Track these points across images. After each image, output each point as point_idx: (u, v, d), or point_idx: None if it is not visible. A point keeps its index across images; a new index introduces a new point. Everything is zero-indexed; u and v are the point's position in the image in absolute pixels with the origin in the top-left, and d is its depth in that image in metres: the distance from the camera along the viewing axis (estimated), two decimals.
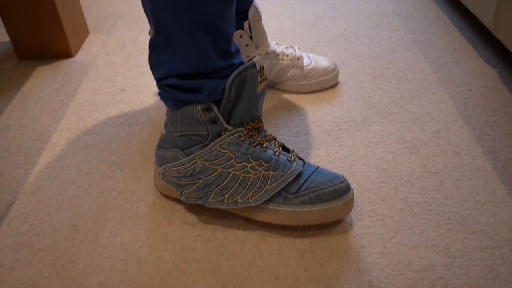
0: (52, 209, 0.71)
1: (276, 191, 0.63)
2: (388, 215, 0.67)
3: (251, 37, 0.87)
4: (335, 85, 0.97)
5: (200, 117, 0.62)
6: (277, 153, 0.64)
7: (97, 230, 0.67)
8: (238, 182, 0.63)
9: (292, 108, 0.90)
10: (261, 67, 0.62)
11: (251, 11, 0.83)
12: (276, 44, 0.92)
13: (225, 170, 0.63)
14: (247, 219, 0.67)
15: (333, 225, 0.66)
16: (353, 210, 0.68)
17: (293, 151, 0.67)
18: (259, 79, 0.62)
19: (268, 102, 0.93)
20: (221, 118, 0.62)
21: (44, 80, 1.04)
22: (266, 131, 0.67)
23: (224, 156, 0.63)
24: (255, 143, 0.63)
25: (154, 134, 0.85)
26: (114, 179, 0.76)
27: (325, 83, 0.94)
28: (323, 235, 0.64)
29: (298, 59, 0.92)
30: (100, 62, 1.11)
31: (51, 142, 0.85)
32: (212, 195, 0.64)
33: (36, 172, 0.78)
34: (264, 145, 0.64)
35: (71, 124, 0.89)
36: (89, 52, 1.16)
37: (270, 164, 0.63)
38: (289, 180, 0.63)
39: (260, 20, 0.86)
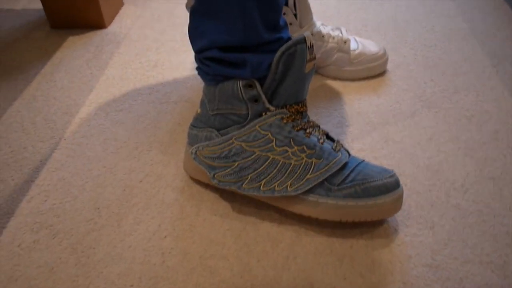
0: (75, 188, 0.67)
1: (319, 181, 0.57)
2: (438, 223, 0.60)
3: (295, 15, 0.80)
4: (383, 73, 0.89)
5: (241, 94, 0.57)
6: (321, 141, 0.59)
7: (121, 216, 0.63)
8: (277, 168, 0.57)
9: (335, 96, 0.83)
10: (311, 44, 0.56)
11: None
12: (322, 24, 0.85)
13: (263, 153, 0.58)
14: (282, 212, 0.62)
15: (376, 230, 0.59)
16: (399, 214, 0.62)
17: (338, 141, 0.61)
18: (308, 57, 0.56)
19: (309, 88, 0.86)
20: (263, 97, 0.57)
21: (75, 51, 1.00)
22: (309, 117, 0.62)
23: (264, 138, 0.58)
24: (298, 127, 0.58)
25: (186, 115, 0.80)
26: (142, 160, 0.71)
27: (373, 71, 0.87)
28: (364, 240, 0.58)
29: (344, 42, 0.84)
30: (133, 35, 1.06)
31: (79, 116, 0.81)
32: (247, 180, 0.58)
33: (61, 148, 0.74)
34: (307, 131, 0.59)
35: (100, 99, 0.85)
36: (122, 23, 1.11)
37: (313, 151, 0.57)
38: (334, 170, 0.57)
39: None
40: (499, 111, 0.78)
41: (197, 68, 0.61)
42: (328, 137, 0.62)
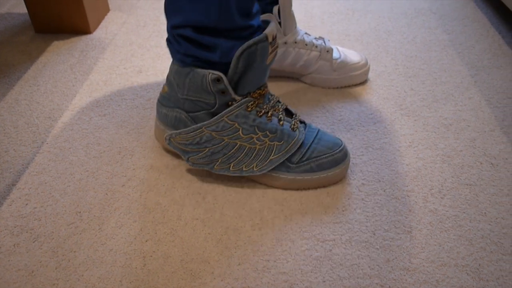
0: (56, 192, 0.67)
1: (280, 161, 0.65)
2: (415, 227, 0.62)
3: (279, 23, 0.81)
4: (364, 82, 0.91)
5: (209, 87, 0.61)
6: (281, 122, 0.65)
7: (102, 219, 0.63)
8: (244, 152, 0.64)
9: (317, 103, 0.85)
10: (274, 37, 0.60)
11: None
12: (306, 33, 0.87)
13: (232, 140, 0.63)
14: (263, 217, 0.62)
15: (355, 234, 0.60)
16: (378, 219, 0.63)
17: (296, 114, 0.68)
18: (270, 49, 0.60)
19: (291, 95, 0.87)
20: (230, 90, 0.61)
21: (60, 56, 1.00)
22: (271, 94, 0.67)
23: (231, 128, 0.63)
24: (261, 113, 0.64)
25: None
26: (124, 165, 0.71)
27: (354, 79, 0.88)
28: (343, 243, 0.59)
29: (327, 51, 0.86)
30: (118, 40, 1.06)
31: (61, 121, 0.81)
32: (218, 162, 0.65)
33: (43, 152, 0.74)
34: (269, 114, 0.64)
35: (83, 104, 0.85)
36: (108, 29, 1.11)
37: (275, 134, 0.64)
38: (293, 151, 0.65)
39: (291, 6, 0.80)
40: (476, 120, 0.81)
41: (168, 41, 0.64)
42: (288, 111, 0.68)
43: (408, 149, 0.74)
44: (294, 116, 0.68)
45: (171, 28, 0.61)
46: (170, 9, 0.60)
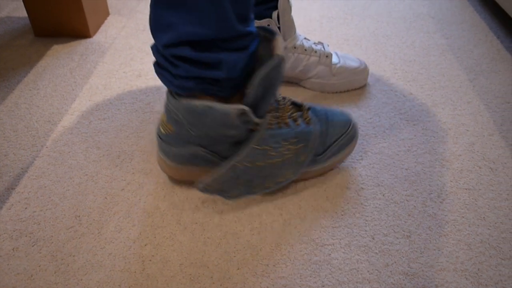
0: (56, 196, 0.67)
1: (309, 160, 0.65)
2: (415, 232, 0.62)
3: (279, 28, 0.82)
4: (363, 86, 0.91)
5: (235, 122, 0.56)
6: (297, 122, 0.64)
7: (101, 223, 0.63)
8: (277, 167, 0.63)
9: None
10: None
11: (281, 1, 0.78)
12: (305, 38, 0.87)
13: (264, 162, 0.61)
14: (262, 221, 0.62)
15: (354, 239, 0.60)
16: (377, 224, 0.63)
17: (303, 105, 0.67)
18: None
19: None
20: (253, 117, 0.57)
21: (59, 60, 1.00)
22: (278, 99, 0.66)
23: (262, 152, 0.61)
24: (280, 123, 0.62)
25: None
26: (123, 169, 0.71)
27: (353, 84, 0.88)
28: (342, 248, 0.59)
29: (326, 56, 0.86)
30: (118, 44, 1.07)
31: (61, 124, 0.81)
32: (256, 187, 0.63)
33: (42, 156, 0.74)
34: (286, 122, 0.63)
35: (83, 108, 0.85)
36: (107, 33, 1.12)
37: (297, 139, 0.63)
38: (315, 145, 0.65)
39: (290, 11, 0.81)
40: (475, 124, 0.81)
41: (157, 66, 0.57)
42: (295, 105, 0.68)
43: (407, 154, 0.74)
44: (302, 107, 0.67)
45: (162, 48, 0.53)
46: (157, 26, 0.52)
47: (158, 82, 0.93)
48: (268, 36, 0.59)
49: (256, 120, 0.58)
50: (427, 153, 0.75)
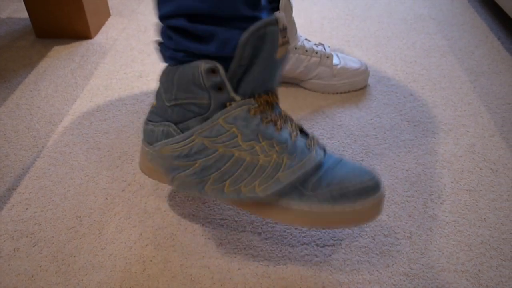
0: (57, 197, 0.67)
1: (291, 180, 0.51)
2: (415, 233, 0.62)
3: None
4: (364, 87, 0.91)
5: (202, 80, 0.50)
6: (293, 136, 0.52)
7: (102, 224, 0.63)
8: (243, 166, 0.51)
9: (317, 109, 0.85)
10: (284, 27, 0.50)
11: (282, 2, 0.78)
12: (306, 39, 0.87)
13: (228, 150, 0.51)
14: (263, 221, 0.62)
15: (355, 240, 0.61)
16: (377, 225, 0.63)
17: (313, 137, 0.55)
18: (280, 40, 0.50)
19: (291, 100, 0.87)
20: (228, 84, 0.50)
21: (60, 61, 1.01)
22: (281, 110, 0.55)
23: (228, 133, 0.51)
24: (267, 120, 0.52)
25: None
26: (124, 169, 0.71)
27: (354, 85, 0.88)
28: (343, 249, 0.59)
29: (327, 57, 0.86)
30: (119, 46, 1.07)
31: (62, 125, 0.81)
32: (209, 181, 0.52)
33: (43, 156, 0.74)
34: (278, 124, 0.52)
35: (84, 108, 0.85)
36: (108, 34, 1.12)
37: (284, 145, 0.51)
38: (308, 168, 0.51)
39: (291, 12, 0.81)
40: (476, 125, 0.81)
41: (157, 43, 0.55)
42: (302, 131, 0.57)
43: (408, 155, 0.74)
44: (310, 137, 0.55)
45: (161, 19, 0.52)
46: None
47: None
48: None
49: (234, 95, 0.51)
50: (428, 154, 0.75)
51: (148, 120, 0.58)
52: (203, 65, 0.49)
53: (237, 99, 0.51)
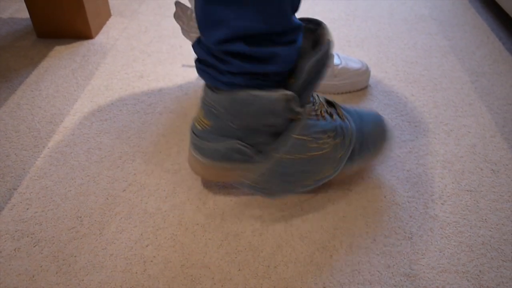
0: (57, 197, 0.67)
1: (348, 155, 0.64)
2: (416, 233, 0.62)
3: None
4: (365, 88, 0.91)
5: (278, 108, 0.54)
6: (333, 117, 0.62)
7: (103, 224, 0.63)
8: (315, 162, 0.61)
9: None
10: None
11: None
12: None
13: (302, 155, 0.59)
14: (263, 222, 0.62)
15: (356, 240, 0.60)
16: (378, 225, 0.63)
17: (335, 104, 0.66)
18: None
19: None
20: (296, 105, 0.56)
21: (61, 61, 1.01)
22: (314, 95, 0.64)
23: (301, 143, 0.58)
24: (319, 115, 0.60)
25: (170, 126, 0.81)
26: (125, 170, 0.71)
27: (355, 85, 0.88)
28: (344, 249, 0.59)
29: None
30: (120, 46, 1.07)
31: (63, 125, 0.81)
32: (292, 183, 0.61)
33: (44, 156, 0.74)
34: (322, 112, 0.61)
35: (84, 108, 0.85)
36: (109, 34, 1.12)
37: (335, 132, 0.61)
38: (354, 141, 0.64)
39: None
40: (477, 126, 0.81)
41: (203, 66, 0.55)
42: (328, 102, 0.66)
43: (409, 155, 0.74)
44: (336, 107, 0.66)
45: (214, 45, 0.51)
46: (208, 22, 0.50)
47: (160, 83, 0.93)
48: (311, 27, 0.58)
49: (298, 109, 0.56)
50: (429, 155, 0.75)
51: (205, 139, 0.60)
52: (281, 97, 0.53)
53: (300, 111, 0.57)
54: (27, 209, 0.65)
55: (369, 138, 0.67)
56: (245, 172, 0.60)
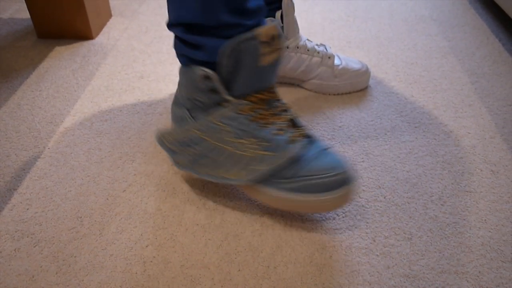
0: (57, 197, 0.67)
1: (266, 173, 0.59)
2: (416, 234, 0.62)
3: (282, 27, 0.82)
4: (365, 88, 0.91)
5: (200, 84, 0.59)
6: (281, 132, 0.59)
7: (103, 224, 0.63)
8: (231, 158, 0.60)
9: (318, 110, 0.85)
10: (272, 37, 0.56)
11: (284, 2, 0.79)
12: (307, 40, 0.87)
13: (219, 144, 0.60)
14: (263, 223, 0.62)
15: (355, 241, 0.61)
16: (378, 226, 0.63)
17: (303, 127, 0.62)
18: (264, 50, 0.56)
19: (292, 101, 0.88)
20: (221, 88, 0.58)
21: (62, 61, 1.01)
22: (278, 101, 0.62)
23: (219, 130, 0.59)
24: (256, 118, 0.59)
25: (170, 126, 0.81)
26: (125, 170, 0.72)
27: (355, 86, 0.88)
28: (343, 250, 0.59)
29: (329, 57, 0.86)
30: (120, 46, 1.07)
31: (63, 126, 0.81)
32: (203, 166, 0.62)
33: (44, 157, 0.74)
34: (267, 121, 0.59)
35: (85, 109, 0.85)
36: (110, 35, 1.12)
37: (269, 144, 0.59)
38: (282, 165, 0.59)
39: (293, 11, 0.81)
40: (477, 127, 0.81)
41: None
42: (294, 123, 0.62)
43: (409, 156, 0.74)
44: (299, 128, 0.62)
45: (168, 27, 0.62)
46: (167, 7, 0.61)
47: (160, 84, 0.93)
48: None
49: (227, 96, 0.58)
50: (428, 156, 0.75)
51: (174, 103, 0.67)
52: (198, 71, 0.58)
53: (230, 100, 0.59)
54: (27, 209, 0.65)
55: (309, 174, 0.59)
56: (166, 131, 0.64)
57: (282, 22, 0.82)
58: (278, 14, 0.80)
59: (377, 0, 1.31)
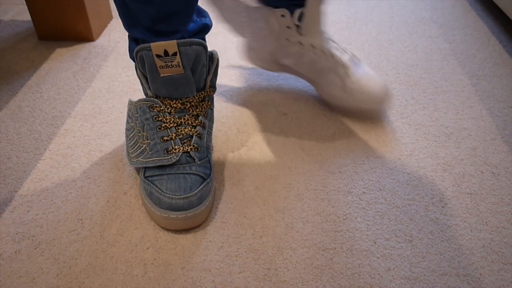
0: (58, 199, 0.67)
1: (144, 166, 0.65)
2: (416, 236, 0.62)
3: (296, 25, 0.79)
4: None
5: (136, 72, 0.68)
6: (165, 138, 0.64)
7: (103, 226, 0.63)
8: (134, 142, 0.67)
9: (318, 111, 0.85)
10: (167, 53, 0.60)
11: None
12: (331, 40, 0.82)
13: (136, 128, 0.68)
14: (264, 225, 0.62)
15: (356, 243, 0.60)
16: (378, 228, 0.63)
17: (209, 147, 0.69)
18: (160, 63, 0.61)
19: (293, 102, 0.88)
20: (144, 82, 0.67)
21: (63, 63, 1.01)
22: (188, 116, 0.66)
23: (135, 117, 0.68)
24: (158, 119, 0.65)
25: None
26: (126, 172, 0.72)
27: (364, 109, 0.82)
28: (344, 252, 0.59)
29: (342, 66, 0.80)
30: (121, 48, 1.07)
31: (64, 128, 0.81)
32: (129, 150, 0.69)
33: (45, 158, 0.74)
34: (163, 126, 0.64)
35: (86, 111, 0.86)
36: (111, 37, 1.12)
37: (148, 142, 0.65)
38: (149, 165, 0.64)
39: (319, 6, 0.76)
40: (477, 129, 0.81)
41: None
42: (197, 149, 0.65)
43: (409, 158, 0.74)
44: (186, 148, 0.64)
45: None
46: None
47: None
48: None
49: (147, 91, 0.67)
50: (429, 158, 0.75)
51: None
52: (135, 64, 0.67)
53: (149, 94, 0.67)
54: (28, 211, 0.65)
55: (161, 189, 0.62)
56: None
57: (298, 20, 0.79)
58: (296, 12, 0.77)
59: (378, 2, 1.32)
